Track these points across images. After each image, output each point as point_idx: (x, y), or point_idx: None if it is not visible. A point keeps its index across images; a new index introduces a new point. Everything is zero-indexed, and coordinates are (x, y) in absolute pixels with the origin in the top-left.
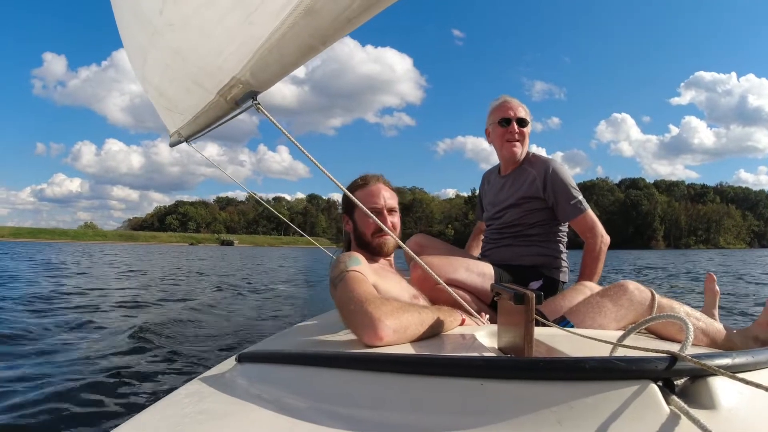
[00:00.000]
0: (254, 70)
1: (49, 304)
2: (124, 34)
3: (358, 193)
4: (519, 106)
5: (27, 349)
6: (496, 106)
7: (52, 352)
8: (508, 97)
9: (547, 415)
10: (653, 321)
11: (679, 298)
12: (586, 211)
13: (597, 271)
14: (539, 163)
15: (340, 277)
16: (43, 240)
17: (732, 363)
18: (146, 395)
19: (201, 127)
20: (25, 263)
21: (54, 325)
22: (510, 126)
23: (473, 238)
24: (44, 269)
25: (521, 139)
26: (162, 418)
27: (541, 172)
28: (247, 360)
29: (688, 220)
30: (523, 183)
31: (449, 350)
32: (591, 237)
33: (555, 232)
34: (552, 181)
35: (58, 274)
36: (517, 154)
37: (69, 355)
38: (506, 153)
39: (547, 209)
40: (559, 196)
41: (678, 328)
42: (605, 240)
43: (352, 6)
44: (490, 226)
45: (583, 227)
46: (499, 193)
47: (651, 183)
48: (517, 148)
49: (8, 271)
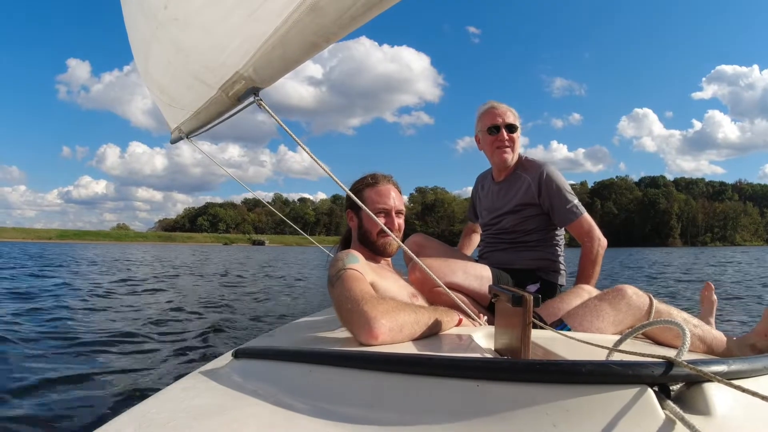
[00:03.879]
0: (257, 67)
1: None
2: (130, 27)
3: (367, 191)
4: (507, 111)
5: (27, 344)
6: (483, 112)
7: (45, 347)
8: (495, 103)
9: (543, 418)
10: (650, 326)
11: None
12: (582, 215)
13: (594, 275)
14: (533, 168)
15: (337, 276)
16: (88, 241)
17: (728, 370)
18: (142, 389)
19: (202, 123)
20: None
21: (62, 321)
22: (499, 133)
23: (465, 238)
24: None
25: (511, 145)
26: (157, 412)
27: (535, 178)
28: (244, 356)
29: (705, 217)
30: (518, 190)
31: (446, 350)
32: (588, 241)
33: (552, 236)
34: (546, 186)
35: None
36: (508, 160)
37: (66, 349)
38: (497, 160)
39: (544, 215)
40: (554, 201)
41: (675, 334)
42: (602, 243)
43: (357, 4)
44: (487, 230)
45: (579, 231)
46: (495, 199)
47: (671, 181)
48: (507, 154)
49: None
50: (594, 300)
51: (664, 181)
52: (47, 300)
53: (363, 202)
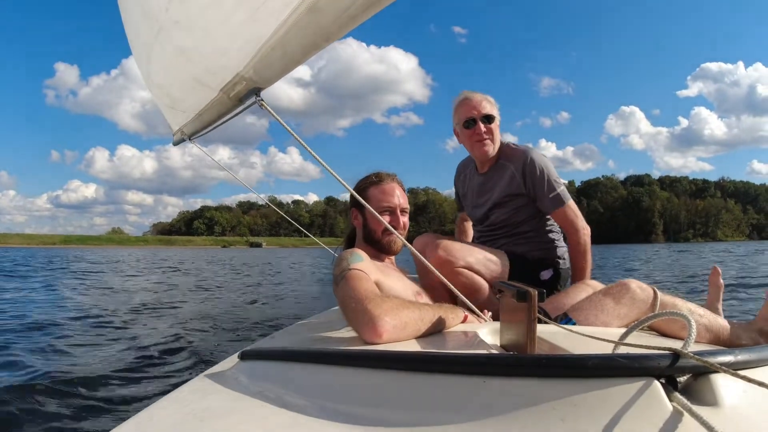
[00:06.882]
0: (258, 68)
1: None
2: (130, 31)
3: (372, 190)
4: (482, 100)
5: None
6: (458, 105)
7: (54, 347)
8: (469, 93)
9: (550, 413)
10: (656, 318)
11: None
12: (567, 204)
13: (587, 265)
14: (516, 155)
15: (342, 275)
16: (91, 246)
17: (735, 360)
18: (150, 392)
19: (204, 125)
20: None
21: (65, 321)
22: (476, 126)
23: (459, 229)
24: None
25: (490, 136)
26: (166, 415)
27: (519, 166)
28: (250, 357)
29: (688, 214)
30: (502, 180)
31: (451, 347)
32: (573, 231)
33: (544, 223)
34: (530, 173)
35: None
36: (489, 152)
37: (73, 350)
38: (477, 153)
39: (533, 203)
40: (538, 189)
41: (681, 325)
42: (587, 232)
43: (355, 4)
44: (478, 227)
45: (563, 220)
46: (481, 192)
47: (656, 179)
48: (487, 147)
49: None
50: (598, 294)
51: (649, 180)
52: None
53: (367, 201)
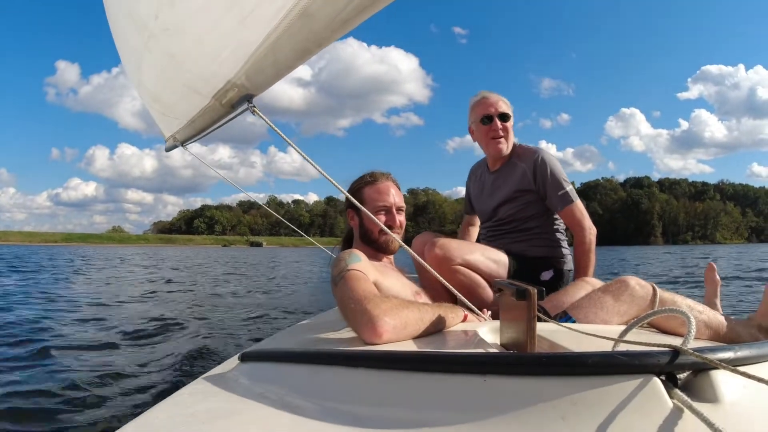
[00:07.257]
0: (249, 74)
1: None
2: (119, 38)
3: (367, 189)
4: (499, 100)
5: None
6: (475, 103)
7: (56, 348)
8: (487, 93)
9: (550, 411)
10: (655, 315)
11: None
12: (575, 203)
13: (591, 264)
14: (527, 154)
15: (340, 276)
16: (92, 244)
17: (734, 356)
18: (150, 394)
19: (197, 131)
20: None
21: (60, 322)
22: (493, 123)
23: (464, 231)
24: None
25: (505, 134)
26: (167, 417)
27: (530, 164)
28: (250, 359)
29: (686, 217)
30: (514, 177)
31: (451, 347)
32: (579, 230)
33: (551, 222)
34: (541, 171)
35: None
36: (503, 150)
37: (73, 352)
38: (492, 150)
39: (541, 201)
40: (548, 187)
41: (680, 322)
42: (593, 231)
43: (348, 8)
44: (486, 223)
45: (570, 219)
46: (492, 189)
47: (656, 181)
48: (502, 144)
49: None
50: (598, 292)
51: (648, 182)
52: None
53: (362, 201)
